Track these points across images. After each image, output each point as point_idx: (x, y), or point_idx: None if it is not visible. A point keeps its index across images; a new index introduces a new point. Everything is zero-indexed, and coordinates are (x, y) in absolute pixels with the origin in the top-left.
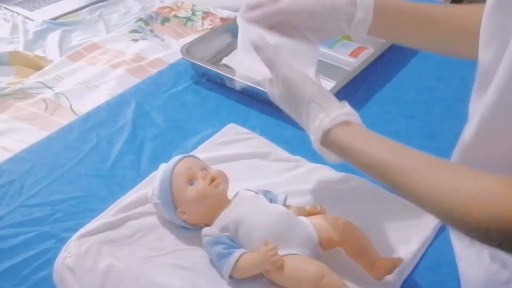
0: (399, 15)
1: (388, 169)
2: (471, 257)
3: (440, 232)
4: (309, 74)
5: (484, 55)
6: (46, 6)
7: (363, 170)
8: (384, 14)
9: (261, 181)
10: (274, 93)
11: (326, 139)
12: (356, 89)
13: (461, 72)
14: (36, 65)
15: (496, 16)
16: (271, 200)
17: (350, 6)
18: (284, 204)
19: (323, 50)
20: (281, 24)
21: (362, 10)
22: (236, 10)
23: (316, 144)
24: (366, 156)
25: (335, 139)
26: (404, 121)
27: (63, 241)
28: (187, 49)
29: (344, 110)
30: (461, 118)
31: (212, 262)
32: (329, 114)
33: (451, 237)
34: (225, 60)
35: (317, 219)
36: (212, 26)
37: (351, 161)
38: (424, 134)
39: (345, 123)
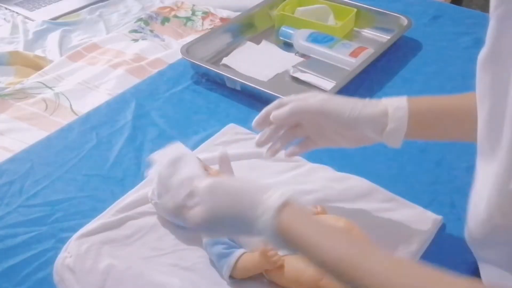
0: (434, 115)
1: (346, 269)
2: None
3: (440, 232)
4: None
5: (480, 115)
6: (46, 6)
7: (316, 266)
8: (420, 119)
9: (261, 181)
10: (196, 213)
11: (278, 230)
12: (356, 89)
13: (461, 71)
14: (36, 65)
15: (487, 73)
16: None
17: (381, 116)
18: None
19: (323, 50)
20: (309, 123)
21: (395, 121)
22: (236, 10)
23: (272, 240)
24: (321, 251)
25: (286, 229)
26: None
27: (63, 241)
28: (187, 49)
29: (280, 191)
30: None
31: (212, 262)
32: (269, 197)
33: None
34: (225, 60)
35: None
36: (212, 26)
37: (305, 256)
38: None
39: (288, 203)
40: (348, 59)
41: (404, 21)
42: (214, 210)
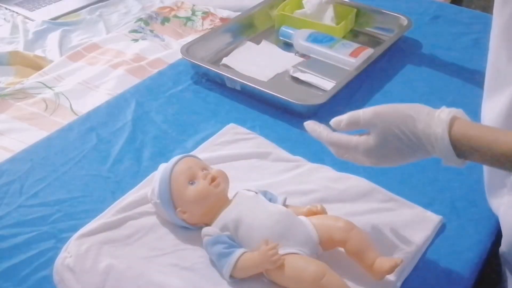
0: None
1: None
2: None
3: (440, 232)
4: None
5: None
6: (46, 6)
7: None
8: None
9: (261, 181)
10: (368, 140)
11: (452, 140)
12: (356, 89)
13: (461, 72)
14: (36, 65)
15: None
16: (270, 201)
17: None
18: (284, 205)
19: (323, 50)
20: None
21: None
22: (236, 10)
23: (445, 152)
24: (499, 145)
25: (461, 135)
26: None
27: (63, 241)
28: (187, 49)
29: (448, 109)
30: None
31: (212, 262)
32: (441, 112)
33: None
34: (225, 60)
35: (317, 219)
36: (212, 26)
37: (481, 157)
38: None
39: (458, 117)
40: (348, 59)
41: (404, 21)
42: (386, 132)
